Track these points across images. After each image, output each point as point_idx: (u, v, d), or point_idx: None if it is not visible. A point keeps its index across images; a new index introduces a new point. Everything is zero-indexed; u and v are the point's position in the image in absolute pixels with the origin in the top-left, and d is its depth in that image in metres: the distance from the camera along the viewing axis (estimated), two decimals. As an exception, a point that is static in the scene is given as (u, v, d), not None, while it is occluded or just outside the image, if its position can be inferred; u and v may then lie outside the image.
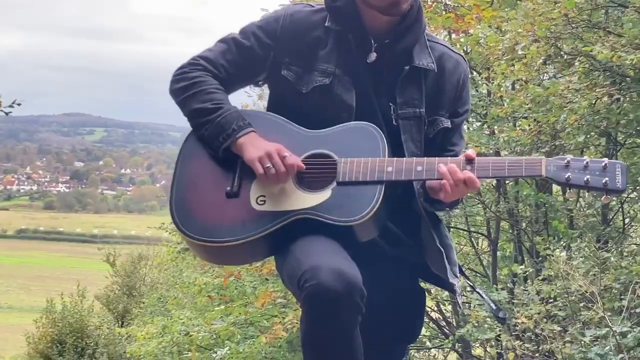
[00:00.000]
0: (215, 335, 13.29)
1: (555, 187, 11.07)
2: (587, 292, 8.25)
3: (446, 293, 8.56)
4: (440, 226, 2.64)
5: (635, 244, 9.82)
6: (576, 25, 8.20)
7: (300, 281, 2.25)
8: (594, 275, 8.58)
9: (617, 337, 7.50)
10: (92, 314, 26.01)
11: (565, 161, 2.34)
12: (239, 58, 2.61)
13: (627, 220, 10.64)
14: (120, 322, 26.23)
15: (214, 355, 13.49)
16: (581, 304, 8.38)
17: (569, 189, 2.45)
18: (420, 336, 6.29)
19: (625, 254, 9.26)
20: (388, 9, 2.45)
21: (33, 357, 25.60)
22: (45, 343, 25.27)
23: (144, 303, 24.05)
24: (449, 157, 2.45)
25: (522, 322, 8.59)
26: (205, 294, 14.47)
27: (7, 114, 9.29)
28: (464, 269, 2.75)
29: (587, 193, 7.81)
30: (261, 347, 12.54)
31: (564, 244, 10.32)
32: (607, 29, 8.13)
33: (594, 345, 7.85)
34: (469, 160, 2.39)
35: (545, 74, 8.97)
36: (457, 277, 2.57)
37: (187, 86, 2.55)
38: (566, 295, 8.41)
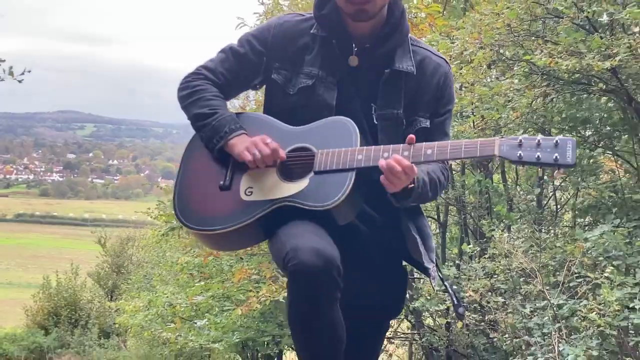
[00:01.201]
0: (196, 308, 13.26)
1: (496, 176, 11.12)
2: (527, 269, 8.23)
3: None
4: (420, 217, 2.55)
5: (567, 226, 9.80)
6: (517, 34, 8.25)
7: (284, 261, 2.21)
8: (533, 253, 8.56)
9: (554, 308, 7.47)
10: (85, 290, 26.01)
11: (518, 140, 2.24)
12: (235, 65, 2.57)
13: (559, 206, 10.70)
14: (110, 297, 26.21)
15: (195, 325, 13.44)
16: (521, 279, 8.34)
17: (522, 166, 2.31)
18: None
19: (559, 235, 9.26)
20: (355, 15, 2.38)
21: (31, 328, 25.48)
22: (42, 315, 25.22)
23: (131, 280, 24.05)
24: (419, 144, 2.32)
25: (469, 295, 8.55)
26: (186, 271, 14.41)
27: (20, 81, 9.28)
28: None
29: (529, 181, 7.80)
30: (237, 318, 12.54)
31: (504, 226, 10.38)
32: (544, 38, 8.14)
33: (534, 316, 7.82)
34: (409, 143, 2.31)
35: (490, 77, 9.10)
36: (432, 262, 2.50)
37: (189, 94, 2.53)
38: (508, 271, 8.36)
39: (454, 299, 2.64)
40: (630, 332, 7.04)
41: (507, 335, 8.43)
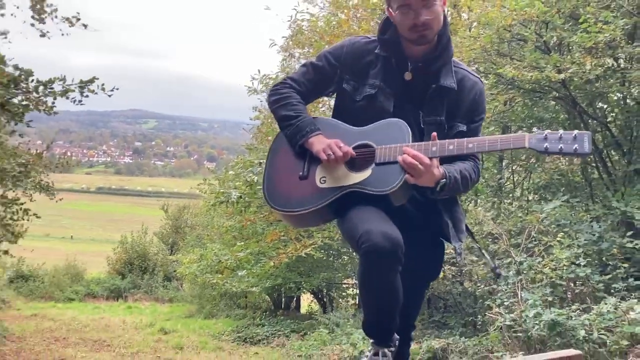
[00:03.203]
0: (237, 261, 13.17)
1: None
2: (494, 233, 8.16)
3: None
4: (454, 204, 2.44)
5: (525, 200, 9.71)
6: (489, 53, 8.13)
7: (358, 242, 2.13)
8: (499, 221, 8.49)
9: (517, 264, 7.39)
10: (151, 245, 26.00)
11: (544, 135, 2.13)
12: (314, 76, 2.49)
13: (515, 185, 10.63)
14: (170, 251, 26.18)
15: (237, 274, 13.43)
16: (489, 240, 8.28)
17: (548, 155, 2.24)
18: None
19: (518, 207, 9.18)
20: (417, 40, 2.29)
21: (111, 274, 25.57)
22: (120, 264, 25.28)
23: (187, 238, 24.00)
24: (455, 140, 2.23)
25: (449, 252, 8.48)
26: (230, 233, 14.37)
27: (109, 96, 9.24)
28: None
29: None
30: (269, 269, 12.54)
31: (473, 200, 10.34)
32: (511, 56, 8.04)
33: (500, 269, 7.75)
34: (433, 139, 2.22)
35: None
36: (461, 241, 2.39)
37: (278, 99, 2.47)
38: (481, 234, 8.27)
39: (491, 263, 2.65)
40: (576, 282, 6.98)
41: (478, 284, 8.37)
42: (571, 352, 2.59)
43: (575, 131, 2.13)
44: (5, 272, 22.54)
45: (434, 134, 2.22)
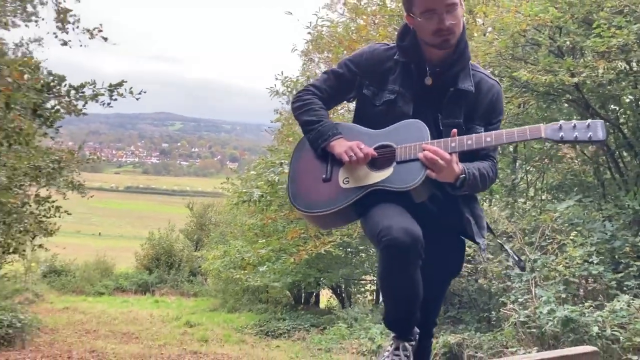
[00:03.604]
0: (259, 257, 13.19)
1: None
2: (509, 231, 8.09)
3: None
4: (474, 202, 2.41)
5: (540, 199, 9.62)
6: (504, 57, 8.05)
7: (378, 236, 2.10)
8: (514, 220, 8.41)
9: (531, 261, 7.32)
10: (177, 241, 26.06)
11: (559, 125, 2.11)
12: (335, 83, 2.48)
13: (528, 185, 10.53)
14: (195, 247, 26.25)
15: (259, 269, 13.46)
16: (504, 238, 8.20)
17: (564, 144, 2.20)
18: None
19: (532, 206, 9.10)
20: (441, 44, 2.25)
21: (139, 269, 25.67)
22: (147, 260, 25.39)
23: (211, 235, 24.05)
24: (474, 135, 2.22)
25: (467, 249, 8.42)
26: (252, 231, 14.40)
27: (137, 99, 9.29)
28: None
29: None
30: (289, 265, 12.55)
31: (486, 199, 10.26)
32: (525, 60, 7.95)
33: (515, 268, 7.68)
34: (452, 136, 2.20)
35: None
36: (483, 237, 2.36)
37: (301, 105, 2.46)
38: (496, 232, 8.19)
39: (515, 257, 2.61)
40: (589, 279, 6.89)
41: (493, 281, 8.30)
42: (587, 348, 2.54)
43: (589, 120, 2.11)
44: (39, 267, 22.78)
45: (454, 130, 2.20)
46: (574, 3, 7.11)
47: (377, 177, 2.25)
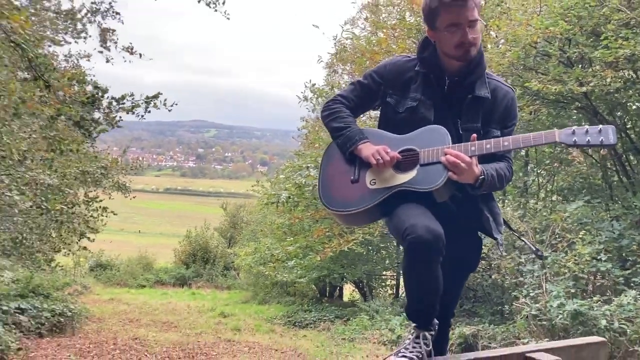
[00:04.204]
0: (287, 254, 13.25)
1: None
2: (521, 230, 8.02)
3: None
4: (491, 200, 2.41)
5: (550, 200, 9.51)
6: (516, 68, 7.99)
7: (403, 234, 2.12)
8: (526, 220, 8.33)
9: (542, 259, 7.26)
10: (212, 239, 26.16)
11: (572, 130, 2.11)
12: (361, 92, 2.51)
13: (539, 187, 10.40)
14: (228, 244, 26.37)
15: (287, 265, 13.51)
16: (516, 237, 8.12)
17: (576, 148, 2.18)
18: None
19: (543, 207, 9.00)
20: (462, 56, 2.27)
21: (177, 264, 25.80)
22: (185, 255, 25.51)
23: (242, 233, 24.16)
24: (492, 139, 2.22)
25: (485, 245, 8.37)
26: (280, 229, 14.45)
27: (169, 110, 9.37)
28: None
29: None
30: (315, 261, 12.56)
31: (500, 200, 10.16)
32: (536, 70, 7.88)
33: (526, 264, 7.62)
34: (472, 140, 2.20)
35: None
36: (501, 233, 2.37)
37: (330, 114, 2.50)
38: (508, 230, 8.12)
39: (533, 248, 2.61)
40: (597, 275, 6.80)
41: (506, 277, 8.23)
42: (596, 339, 2.52)
43: (600, 125, 2.10)
44: (87, 261, 23.17)
45: (474, 135, 2.21)
46: (583, 16, 7.04)
47: (402, 178, 2.26)
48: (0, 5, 5.36)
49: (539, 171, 10.45)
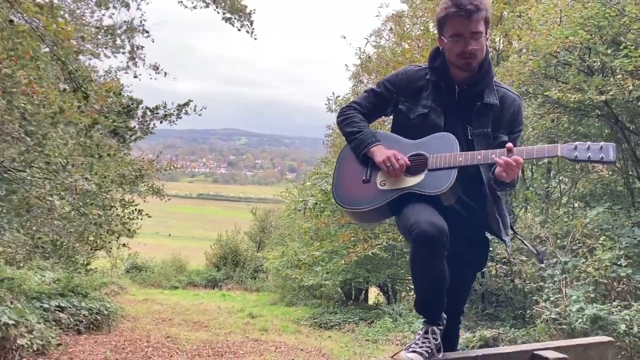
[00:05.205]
0: (314, 258, 13.31)
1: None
2: (542, 236, 7.95)
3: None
4: (500, 202, 2.46)
5: (571, 206, 9.38)
6: (537, 77, 7.96)
7: (409, 230, 2.19)
8: (547, 226, 8.25)
9: (562, 264, 7.18)
10: (242, 242, 26.38)
11: (574, 146, 2.16)
12: (375, 100, 2.58)
13: (560, 194, 10.26)
14: (258, 248, 26.53)
15: (313, 269, 13.56)
16: (537, 242, 8.05)
17: (577, 163, 2.23)
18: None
19: (564, 213, 8.90)
20: (462, 66, 2.34)
21: (209, 266, 26.06)
22: (216, 258, 25.76)
23: (271, 238, 24.29)
24: (498, 150, 2.27)
25: (500, 252, 8.34)
26: (307, 234, 14.52)
27: (199, 114, 9.52)
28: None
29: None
30: (340, 265, 12.60)
31: (523, 207, 10.07)
32: (557, 79, 7.83)
33: (547, 269, 7.55)
34: (509, 150, 2.21)
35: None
36: (508, 235, 2.43)
37: (344, 119, 2.57)
38: (530, 236, 8.06)
39: (534, 250, 2.66)
40: (618, 281, 6.71)
41: (527, 282, 8.16)
42: (602, 338, 2.54)
43: (602, 142, 2.14)
44: (123, 263, 23.59)
45: (510, 144, 2.23)
46: (603, 26, 6.98)
47: (410, 181, 2.32)
48: (47, 18, 5.54)
49: (561, 178, 10.33)
